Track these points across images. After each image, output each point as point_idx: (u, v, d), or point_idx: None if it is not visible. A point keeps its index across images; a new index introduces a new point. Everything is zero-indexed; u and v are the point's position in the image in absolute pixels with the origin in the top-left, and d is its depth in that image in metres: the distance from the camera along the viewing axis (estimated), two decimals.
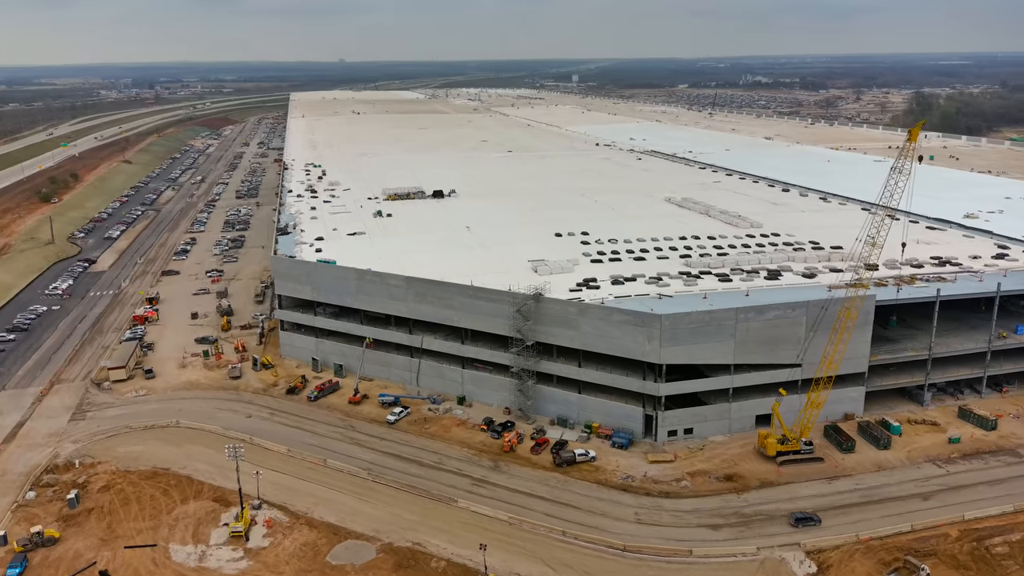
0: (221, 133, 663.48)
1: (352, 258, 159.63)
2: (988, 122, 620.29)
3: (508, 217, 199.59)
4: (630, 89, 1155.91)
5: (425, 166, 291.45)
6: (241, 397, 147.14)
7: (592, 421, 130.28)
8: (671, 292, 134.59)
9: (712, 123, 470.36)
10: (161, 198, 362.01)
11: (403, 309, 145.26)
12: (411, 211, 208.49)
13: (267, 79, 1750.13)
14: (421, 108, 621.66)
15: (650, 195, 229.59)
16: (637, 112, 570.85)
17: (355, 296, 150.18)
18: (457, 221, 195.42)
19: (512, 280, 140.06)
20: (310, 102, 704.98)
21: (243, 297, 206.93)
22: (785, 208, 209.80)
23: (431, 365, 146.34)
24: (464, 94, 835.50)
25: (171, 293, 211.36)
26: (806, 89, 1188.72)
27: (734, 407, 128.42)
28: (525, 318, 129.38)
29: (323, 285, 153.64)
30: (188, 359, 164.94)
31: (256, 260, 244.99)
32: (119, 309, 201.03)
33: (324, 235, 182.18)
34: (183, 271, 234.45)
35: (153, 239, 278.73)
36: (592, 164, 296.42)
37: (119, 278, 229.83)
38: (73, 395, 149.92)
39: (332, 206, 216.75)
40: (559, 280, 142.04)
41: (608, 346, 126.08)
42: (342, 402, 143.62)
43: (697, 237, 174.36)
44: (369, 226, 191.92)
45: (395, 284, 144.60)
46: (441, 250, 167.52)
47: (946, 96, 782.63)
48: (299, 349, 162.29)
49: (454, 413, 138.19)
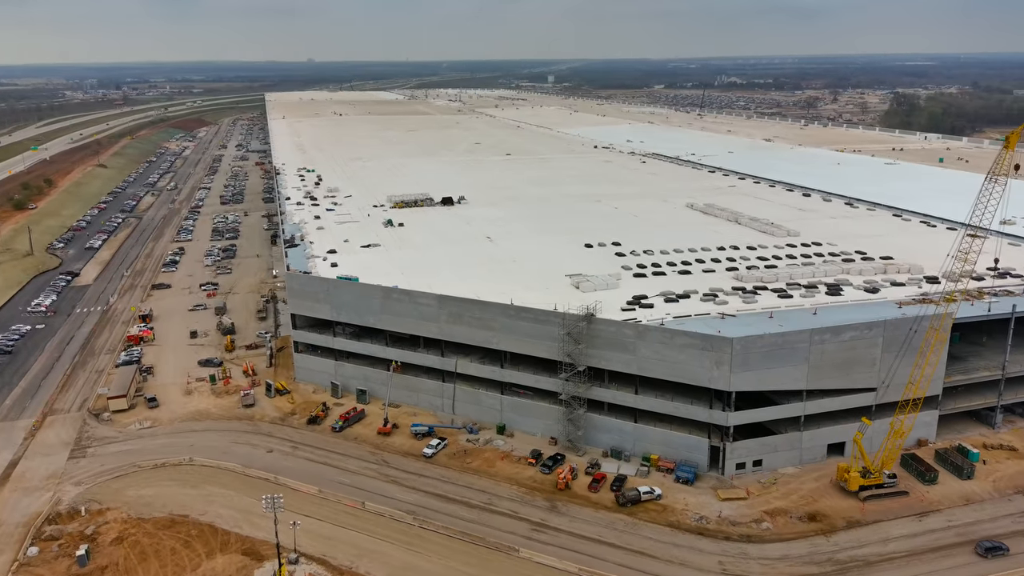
0: (196, 135, 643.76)
1: (370, 273, 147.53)
2: (971, 123, 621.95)
3: (528, 226, 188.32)
4: (607, 90, 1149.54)
5: (424, 171, 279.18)
6: (258, 428, 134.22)
7: (650, 453, 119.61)
8: (732, 311, 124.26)
9: (705, 124, 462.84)
10: (141, 204, 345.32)
11: (434, 330, 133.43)
12: (423, 220, 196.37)
13: (237, 79, 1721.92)
14: (403, 109, 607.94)
15: (668, 201, 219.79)
16: (625, 113, 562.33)
17: (380, 316, 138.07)
18: (475, 231, 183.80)
19: (553, 298, 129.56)
20: (287, 103, 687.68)
21: (243, 313, 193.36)
22: (814, 214, 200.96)
23: (466, 391, 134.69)
24: (444, 95, 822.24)
25: (164, 309, 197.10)
26: (781, 90, 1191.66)
27: (806, 436, 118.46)
28: (576, 341, 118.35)
29: (344, 304, 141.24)
30: (193, 384, 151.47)
31: (252, 271, 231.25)
32: (110, 328, 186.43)
33: (336, 247, 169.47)
34: (174, 284, 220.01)
35: (138, 249, 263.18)
36: (597, 168, 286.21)
37: (106, 293, 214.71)
38: (69, 428, 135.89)
39: (337, 215, 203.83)
40: (604, 297, 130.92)
41: (670, 372, 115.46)
42: (370, 433, 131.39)
43: (736, 247, 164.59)
44: (382, 237, 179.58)
45: (426, 303, 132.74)
46: (466, 264, 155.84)
47: (926, 97, 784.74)
48: (316, 373, 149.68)
49: (495, 444, 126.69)
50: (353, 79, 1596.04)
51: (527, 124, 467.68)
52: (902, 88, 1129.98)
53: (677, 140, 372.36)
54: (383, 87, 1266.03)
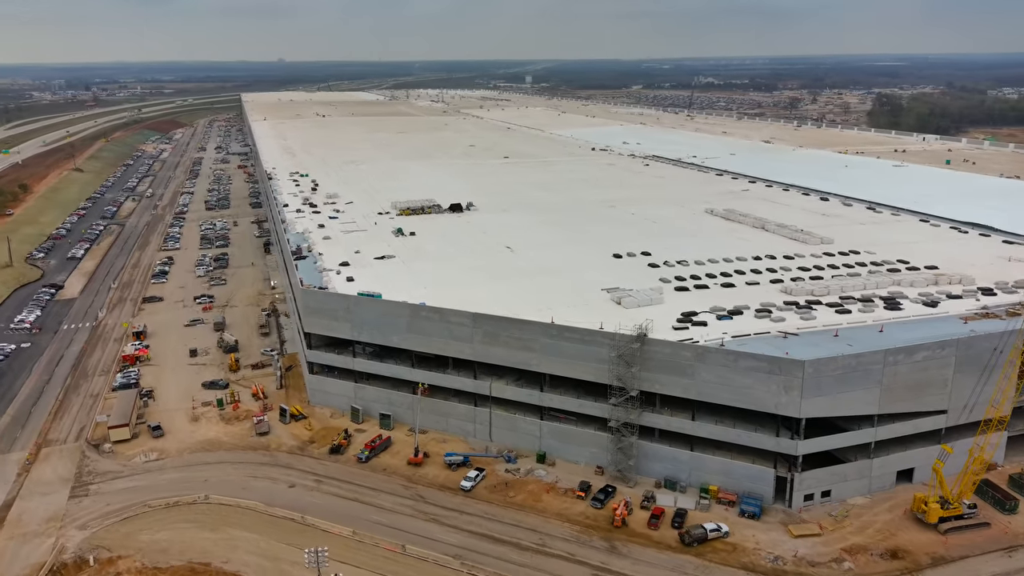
0: (172, 137, 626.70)
1: (389, 287, 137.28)
2: (955, 123, 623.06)
3: (547, 235, 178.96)
4: (586, 90, 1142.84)
5: (423, 175, 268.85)
6: (275, 459, 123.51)
7: (708, 483, 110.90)
8: (792, 328, 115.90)
9: (698, 126, 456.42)
10: (122, 210, 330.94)
11: (467, 351, 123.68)
12: (434, 228, 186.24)
13: (208, 79, 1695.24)
14: (386, 110, 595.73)
15: (685, 206, 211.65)
16: (613, 115, 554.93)
17: (406, 335, 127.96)
18: (492, 240, 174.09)
19: (593, 314, 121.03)
20: (265, 103, 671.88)
21: (244, 328, 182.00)
22: (839, 219, 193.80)
23: (501, 416, 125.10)
24: (424, 95, 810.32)
25: (159, 325, 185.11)
26: (759, 91, 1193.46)
27: (875, 463, 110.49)
28: (628, 364, 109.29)
29: (366, 322, 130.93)
30: (199, 410, 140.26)
31: (248, 282, 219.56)
32: (101, 346, 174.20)
33: (348, 259, 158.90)
34: (166, 297, 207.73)
35: (123, 259, 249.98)
36: (600, 171, 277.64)
37: (94, 307, 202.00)
38: (67, 462, 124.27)
39: (341, 223, 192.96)
40: (649, 314, 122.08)
41: (732, 397, 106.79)
42: (400, 463, 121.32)
43: (772, 256, 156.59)
44: (394, 247, 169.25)
45: (458, 322, 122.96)
46: (491, 277, 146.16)
47: (908, 97, 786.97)
48: (332, 396, 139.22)
49: (537, 475, 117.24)
50: (328, 79, 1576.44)
51: (517, 126, 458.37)
52: (878, 88, 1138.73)
53: (674, 142, 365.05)
54: (359, 87, 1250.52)
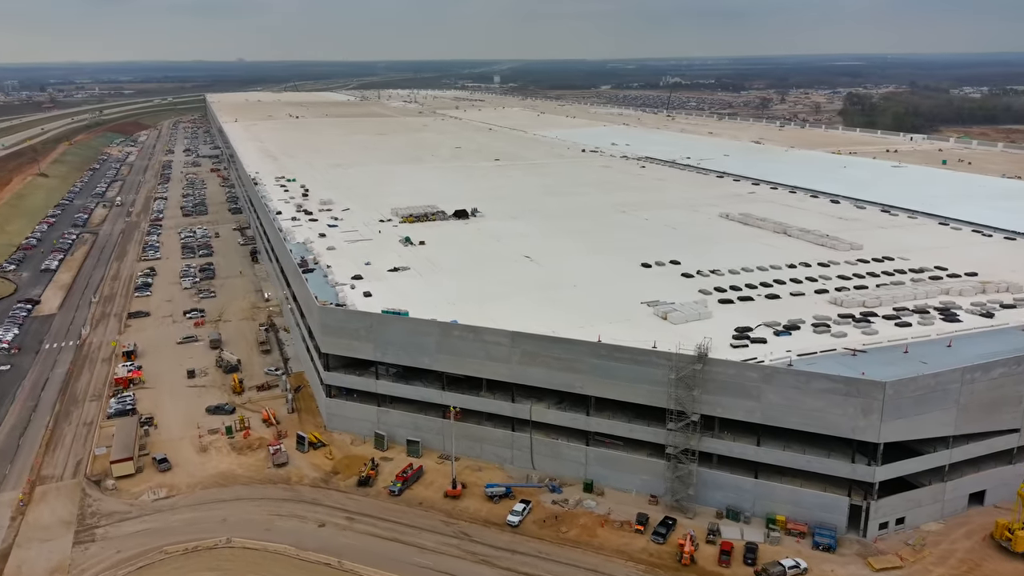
0: (137, 139, 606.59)
1: (409, 302, 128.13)
2: (928, 122, 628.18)
3: (564, 243, 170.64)
4: (555, 90, 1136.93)
5: (415, 179, 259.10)
6: (299, 494, 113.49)
7: (774, 513, 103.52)
8: (857, 344, 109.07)
9: (684, 126, 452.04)
10: (93, 217, 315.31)
11: (504, 372, 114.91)
12: (443, 237, 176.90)
13: (167, 79, 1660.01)
14: (360, 111, 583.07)
15: (696, 210, 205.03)
16: (592, 115, 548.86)
17: (436, 356, 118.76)
18: (508, 249, 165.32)
19: (638, 331, 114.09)
20: (232, 104, 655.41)
21: (242, 345, 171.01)
22: (857, 223, 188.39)
23: (543, 441, 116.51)
24: (395, 96, 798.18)
25: (149, 343, 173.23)
26: (726, 90, 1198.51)
27: (948, 487, 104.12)
28: (688, 386, 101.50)
29: (392, 342, 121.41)
30: (206, 438, 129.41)
31: (239, 294, 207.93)
32: (89, 367, 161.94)
33: (359, 272, 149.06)
34: (153, 311, 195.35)
35: (101, 270, 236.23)
36: (598, 174, 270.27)
37: (76, 324, 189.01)
38: (67, 501, 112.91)
39: (343, 232, 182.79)
40: (699, 330, 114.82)
41: (803, 421, 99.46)
42: (436, 495, 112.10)
43: (807, 264, 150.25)
44: (406, 258, 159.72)
45: (495, 341, 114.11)
46: (518, 290, 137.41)
47: (880, 96, 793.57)
48: (353, 421, 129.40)
49: (586, 506, 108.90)
50: (291, 79, 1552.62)
51: (498, 127, 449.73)
52: (842, 88, 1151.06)
53: (663, 143, 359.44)
54: (325, 87, 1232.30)
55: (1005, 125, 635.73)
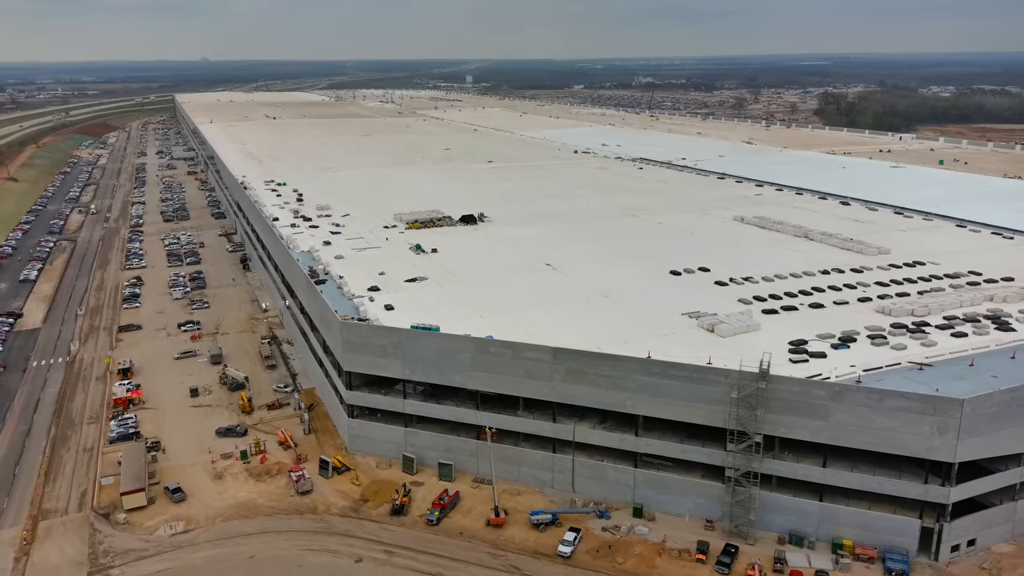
0: (106, 141, 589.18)
1: (434, 316, 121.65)
2: (904, 121, 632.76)
3: (583, 250, 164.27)
4: (528, 90, 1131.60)
5: (411, 182, 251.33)
6: (329, 525, 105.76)
7: (840, 537, 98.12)
8: (919, 357, 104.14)
9: (670, 127, 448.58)
10: (70, 224, 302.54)
11: (545, 391, 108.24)
12: (454, 243, 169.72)
13: (131, 79, 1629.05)
14: (338, 112, 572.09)
15: (708, 213, 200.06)
16: (575, 115, 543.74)
17: (471, 373, 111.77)
18: (526, 256, 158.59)
19: (685, 344, 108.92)
20: (203, 105, 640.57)
21: (244, 360, 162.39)
22: (874, 226, 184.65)
23: (587, 463, 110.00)
24: (371, 96, 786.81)
25: (144, 359, 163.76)
26: (698, 90, 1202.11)
27: (1020, 506, 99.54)
28: (751, 406, 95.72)
29: (421, 359, 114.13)
30: (220, 464, 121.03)
31: (234, 304, 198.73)
32: (83, 386, 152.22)
33: (374, 282, 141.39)
34: (144, 324, 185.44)
35: (84, 280, 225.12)
36: (597, 176, 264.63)
37: (63, 339, 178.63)
38: (75, 538, 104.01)
39: (348, 239, 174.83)
40: (748, 342, 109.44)
41: (872, 440, 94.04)
42: (477, 524, 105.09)
43: (840, 270, 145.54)
44: (420, 267, 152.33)
45: (535, 358, 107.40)
46: (545, 301, 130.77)
47: (856, 96, 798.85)
48: (378, 443, 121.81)
49: (639, 532, 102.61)
50: (258, 79, 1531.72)
51: (483, 127, 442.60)
52: (812, 87, 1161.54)
53: (653, 144, 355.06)
54: (295, 87, 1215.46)
55: (978, 124, 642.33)
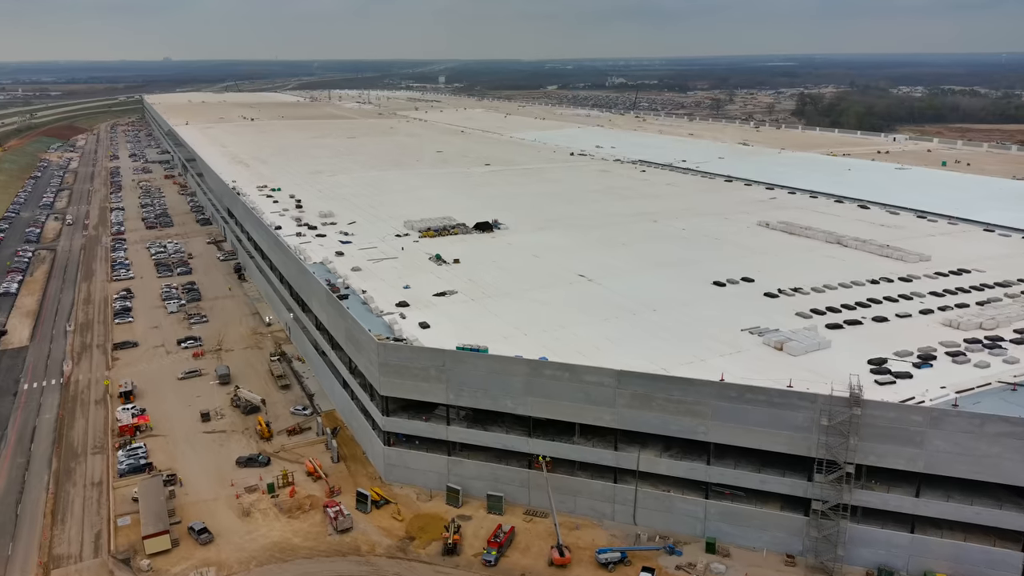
0: (75, 144, 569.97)
1: (473, 334, 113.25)
2: (884, 121, 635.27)
3: (610, 258, 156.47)
4: (503, 90, 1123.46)
5: (411, 187, 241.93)
6: (377, 568, 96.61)
7: (933, 571, 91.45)
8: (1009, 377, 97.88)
9: (661, 128, 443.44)
10: (46, 231, 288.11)
11: (607, 417, 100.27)
12: (474, 253, 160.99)
13: (93, 80, 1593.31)
14: (315, 112, 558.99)
15: (728, 218, 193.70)
16: (560, 116, 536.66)
17: (523, 398, 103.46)
18: (555, 266, 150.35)
19: (753, 364, 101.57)
20: (175, 105, 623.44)
21: (254, 379, 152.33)
22: (902, 231, 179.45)
23: (650, 494, 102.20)
24: (346, 96, 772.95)
25: (146, 379, 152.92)
26: (672, 91, 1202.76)
27: None
28: (842, 433, 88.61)
29: (468, 383, 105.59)
30: (245, 498, 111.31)
31: (234, 317, 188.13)
32: (82, 411, 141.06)
33: (401, 297, 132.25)
34: (141, 341, 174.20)
35: (70, 292, 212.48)
36: (602, 180, 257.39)
37: (54, 357, 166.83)
38: None
39: (361, 249, 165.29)
40: (821, 361, 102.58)
41: (972, 468, 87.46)
42: (538, 564, 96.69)
43: (889, 279, 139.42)
44: (446, 279, 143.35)
45: (596, 381, 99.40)
46: (589, 316, 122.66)
47: (832, 96, 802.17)
48: (417, 472, 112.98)
49: (714, 570, 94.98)
50: (224, 79, 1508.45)
51: (469, 129, 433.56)
52: (784, 88, 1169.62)
53: (648, 145, 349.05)
54: (265, 88, 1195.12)
55: (955, 124, 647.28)
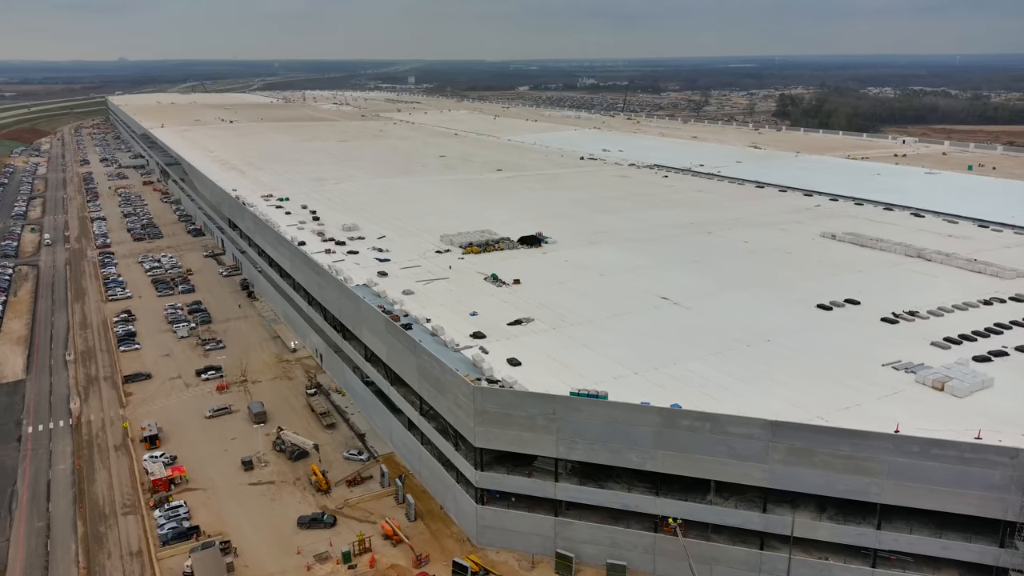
0: (39, 148, 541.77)
1: (571, 372, 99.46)
2: (868, 122, 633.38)
3: (683, 276, 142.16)
4: (474, 91, 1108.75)
5: (429, 196, 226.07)
6: None
7: None
8: None
9: (663, 130, 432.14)
10: (24, 245, 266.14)
11: (757, 474, 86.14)
12: (531, 272, 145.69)
13: (48, 81, 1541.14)
14: (296, 115, 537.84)
15: (785, 229, 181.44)
16: (550, 117, 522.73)
17: (652, 452, 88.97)
18: (629, 288, 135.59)
19: (911, 407, 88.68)
20: (144, 107, 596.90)
21: (290, 415, 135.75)
22: (976, 242, 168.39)
23: (805, 562, 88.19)
24: (321, 97, 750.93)
25: (168, 419, 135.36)
26: (645, 92, 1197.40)
27: None
28: None
29: (584, 434, 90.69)
30: (317, 570, 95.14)
31: (253, 342, 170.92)
32: (100, 460, 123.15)
33: (471, 326, 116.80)
34: (153, 372, 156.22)
35: (63, 315, 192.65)
36: (626, 186, 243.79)
37: (57, 393, 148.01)
38: None
39: (403, 267, 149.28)
40: (987, 402, 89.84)
41: None
42: None
43: (1001, 299, 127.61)
44: (511, 303, 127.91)
45: (743, 433, 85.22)
46: (699, 349, 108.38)
47: (811, 97, 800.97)
48: (517, 535, 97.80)
49: None
50: (185, 79, 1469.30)
51: (462, 132, 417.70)
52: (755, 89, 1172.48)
53: (657, 149, 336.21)
54: (230, 88, 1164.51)
55: (937, 125, 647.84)
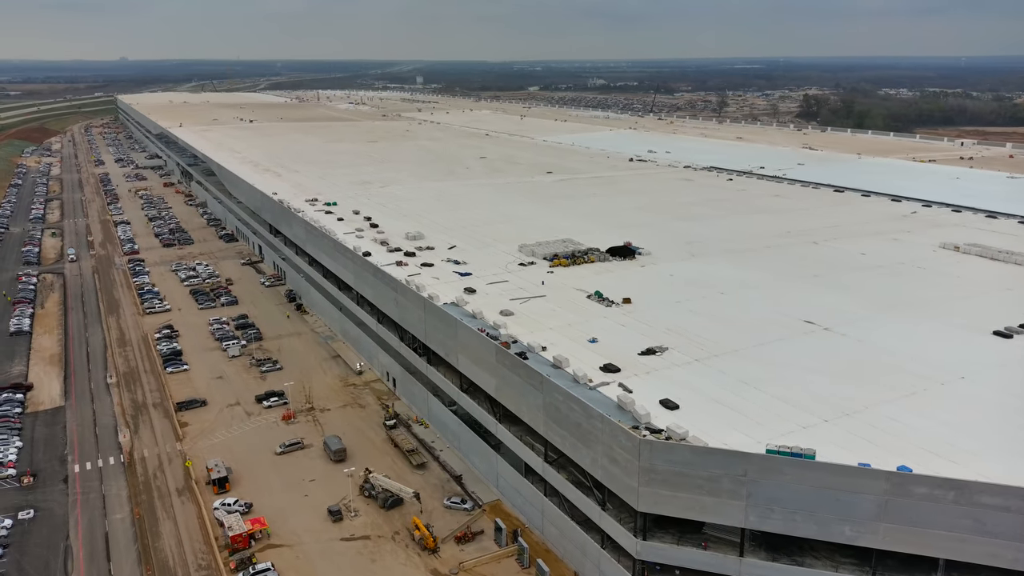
0: (50, 147, 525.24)
1: (749, 420, 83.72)
2: (900, 123, 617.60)
3: (823, 297, 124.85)
4: (484, 91, 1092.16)
5: (485, 200, 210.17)
6: None
7: None
8: None
9: (704, 131, 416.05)
10: (46, 251, 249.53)
11: (1007, 555, 69.75)
12: (638, 289, 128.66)
13: (51, 80, 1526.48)
14: (315, 115, 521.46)
15: (897, 239, 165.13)
16: (577, 118, 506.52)
17: (871, 526, 72.50)
18: (759, 308, 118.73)
19: None
20: (157, 106, 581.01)
21: (370, 452, 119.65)
22: None
23: None
24: (335, 97, 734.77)
25: (234, 454, 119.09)
26: (658, 93, 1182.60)
27: None
28: None
29: (782, 501, 74.29)
30: None
31: (312, 363, 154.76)
32: (163, 508, 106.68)
33: (598, 356, 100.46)
34: (209, 399, 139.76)
35: (97, 330, 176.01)
36: (696, 191, 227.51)
37: (102, 423, 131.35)
38: None
39: (489, 283, 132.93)
40: None
41: None
42: None
43: None
44: (631, 327, 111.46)
45: (999, 505, 68.92)
46: (883, 388, 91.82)
47: (837, 97, 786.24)
48: None
49: None
50: (189, 78, 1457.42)
51: (493, 132, 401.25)
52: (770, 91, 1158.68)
53: (707, 151, 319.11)
54: (238, 88, 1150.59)
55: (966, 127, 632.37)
